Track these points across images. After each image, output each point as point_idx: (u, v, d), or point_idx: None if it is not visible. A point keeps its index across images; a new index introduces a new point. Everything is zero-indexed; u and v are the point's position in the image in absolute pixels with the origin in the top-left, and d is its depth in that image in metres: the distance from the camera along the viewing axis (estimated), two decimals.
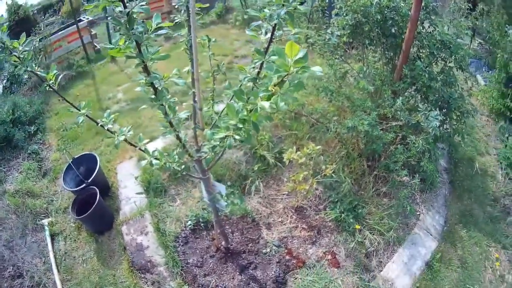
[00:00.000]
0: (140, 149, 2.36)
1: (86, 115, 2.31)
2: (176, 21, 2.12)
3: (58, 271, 4.04)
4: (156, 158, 2.37)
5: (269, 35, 2.02)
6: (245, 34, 9.48)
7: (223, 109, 2.53)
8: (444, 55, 4.40)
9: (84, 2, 10.32)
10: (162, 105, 1.96)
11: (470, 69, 7.04)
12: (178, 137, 2.29)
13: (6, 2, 10.42)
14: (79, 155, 4.82)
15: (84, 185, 4.27)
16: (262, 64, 2.01)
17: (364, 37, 4.48)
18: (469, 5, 8.38)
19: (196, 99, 2.37)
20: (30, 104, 6.83)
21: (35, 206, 4.80)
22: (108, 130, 2.31)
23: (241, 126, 1.87)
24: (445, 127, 4.49)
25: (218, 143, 2.05)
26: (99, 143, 5.86)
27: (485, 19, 8.51)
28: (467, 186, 5.10)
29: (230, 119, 1.88)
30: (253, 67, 2.05)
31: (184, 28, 2.42)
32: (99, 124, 2.29)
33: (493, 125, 6.69)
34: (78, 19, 8.56)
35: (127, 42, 1.74)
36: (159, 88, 1.91)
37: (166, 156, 2.40)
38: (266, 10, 1.96)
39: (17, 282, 3.97)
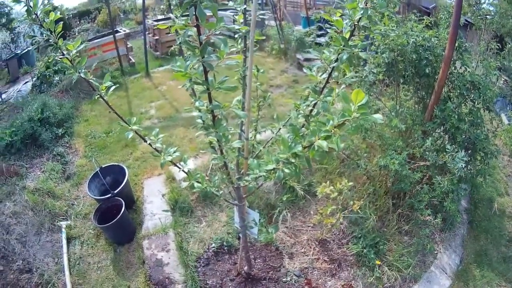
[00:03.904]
0: (183, 171, 2.41)
1: (135, 132, 2.35)
2: (233, 50, 2.19)
3: (70, 273, 4.05)
4: (197, 181, 2.42)
5: (325, 75, 2.08)
6: (280, 63, 9.77)
7: (269, 140, 2.60)
8: (473, 96, 4.44)
9: (121, 14, 10.70)
10: (217, 132, 2.02)
11: (495, 108, 7.07)
12: (225, 165, 2.34)
13: (43, 2, 10.90)
14: (107, 164, 4.90)
15: (110, 195, 4.33)
16: (316, 103, 2.08)
17: (399, 76, 4.55)
18: (498, 45, 8.50)
19: (243, 129, 2.43)
20: (60, 106, 7.00)
21: (55, 207, 4.85)
22: (155, 149, 2.36)
23: (293, 160, 1.92)
24: (469, 167, 4.49)
25: (264, 173, 2.09)
26: (127, 155, 5.96)
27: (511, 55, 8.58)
28: (485, 226, 5.11)
29: (281, 153, 1.94)
30: (307, 105, 2.11)
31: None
32: (148, 142, 2.34)
33: None
34: (115, 30, 8.81)
35: (195, 68, 1.80)
36: (219, 117, 1.97)
37: (207, 180, 2.44)
38: (326, 52, 2.03)
39: (25, 277, 3.97)
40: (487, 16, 9.98)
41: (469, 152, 4.39)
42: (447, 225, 4.76)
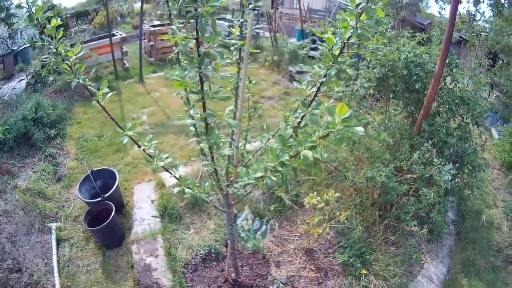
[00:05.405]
0: (175, 177, 2.46)
1: (130, 137, 2.37)
2: (228, 61, 2.27)
3: (60, 275, 4.03)
4: (188, 187, 2.47)
5: (314, 89, 2.16)
6: (272, 75, 9.87)
7: (259, 149, 2.67)
8: (462, 111, 4.57)
9: (118, 17, 10.72)
10: (209, 140, 2.08)
11: (486, 123, 7.25)
12: (215, 171, 2.39)
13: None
14: (98, 168, 4.91)
15: (100, 198, 4.34)
16: (304, 115, 2.15)
17: (389, 91, 4.65)
18: (489, 61, 8.70)
19: (234, 137, 2.50)
20: (53, 107, 6.96)
21: (45, 208, 4.83)
22: (148, 154, 2.40)
23: (280, 169, 1.99)
24: (456, 180, 4.60)
25: (252, 181, 2.15)
26: (118, 160, 5.95)
27: (504, 71, 8.79)
28: (472, 237, 5.21)
29: (270, 161, 2.01)
30: (296, 117, 2.18)
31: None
32: (142, 148, 2.38)
33: (503, 178, 6.92)
34: (111, 33, 8.82)
35: (192, 78, 1.87)
36: (211, 125, 2.03)
37: (198, 186, 2.49)
38: (316, 67, 2.11)
39: (14, 276, 3.93)
40: (482, 33, 10.23)
41: (456, 165, 4.49)
42: (434, 236, 4.85)
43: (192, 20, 1.66)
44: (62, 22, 2.18)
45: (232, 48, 2.53)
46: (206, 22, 1.68)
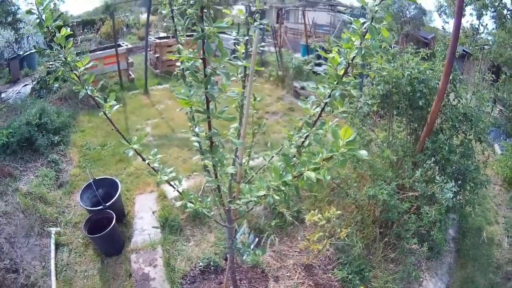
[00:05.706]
0: (178, 191, 2.47)
1: (135, 150, 2.38)
2: (233, 79, 2.30)
3: (57, 278, 4.03)
4: (190, 202, 2.47)
5: (318, 109, 2.17)
6: (277, 90, 9.90)
7: (262, 166, 2.68)
8: (465, 127, 4.57)
9: (124, 28, 10.79)
10: (213, 158, 2.09)
11: (489, 138, 7.22)
12: (218, 188, 2.40)
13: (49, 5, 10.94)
14: (101, 177, 4.94)
15: (102, 207, 4.35)
16: (308, 135, 2.17)
17: (392, 107, 4.66)
18: (493, 76, 8.70)
19: (238, 154, 2.51)
20: (57, 114, 7.02)
21: (45, 212, 4.84)
22: (153, 168, 2.41)
23: (282, 188, 2.01)
24: (458, 198, 4.58)
25: (255, 198, 2.16)
26: (121, 170, 5.97)
27: (507, 85, 8.77)
28: (473, 254, 5.18)
29: (273, 180, 2.02)
30: (300, 136, 2.19)
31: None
32: (147, 162, 2.40)
33: (505, 194, 6.89)
34: (117, 43, 8.88)
35: (197, 97, 1.89)
36: (216, 143, 2.05)
37: (200, 201, 2.50)
38: (320, 87, 2.13)
39: (11, 276, 3.94)
40: (485, 46, 10.26)
41: (458, 182, 4.48)
42: (433, 253, 4.82)
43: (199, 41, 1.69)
44: (71, 32, 2.20)
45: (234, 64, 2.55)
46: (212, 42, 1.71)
